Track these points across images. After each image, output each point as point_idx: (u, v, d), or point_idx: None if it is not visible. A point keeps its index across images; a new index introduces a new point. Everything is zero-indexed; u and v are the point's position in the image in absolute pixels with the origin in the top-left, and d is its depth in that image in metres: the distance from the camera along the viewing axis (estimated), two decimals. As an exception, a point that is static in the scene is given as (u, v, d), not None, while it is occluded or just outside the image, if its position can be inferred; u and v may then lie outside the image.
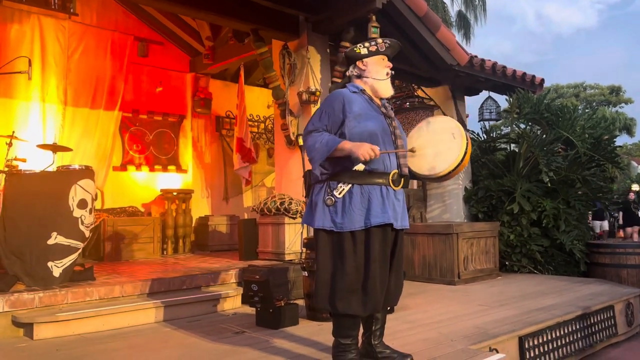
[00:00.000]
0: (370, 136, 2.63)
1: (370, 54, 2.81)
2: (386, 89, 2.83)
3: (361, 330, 2.85)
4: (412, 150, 2.79)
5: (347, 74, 2.92)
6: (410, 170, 2.80)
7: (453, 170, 2.70)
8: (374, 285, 2.59)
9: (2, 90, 6.36)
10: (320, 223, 2.66)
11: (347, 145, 2.59)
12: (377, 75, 2.80)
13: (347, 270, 2.59)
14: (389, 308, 3.18)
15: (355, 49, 2.83)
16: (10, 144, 5.05)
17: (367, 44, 2.81)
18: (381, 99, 2.86)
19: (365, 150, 2.55)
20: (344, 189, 2.63)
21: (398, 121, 2.90)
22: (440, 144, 2.75)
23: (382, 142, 2.66)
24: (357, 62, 2.83)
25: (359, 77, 2.84)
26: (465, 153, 2.69)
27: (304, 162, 5.08)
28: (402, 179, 2.74)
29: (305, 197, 3.15)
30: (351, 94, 2.74)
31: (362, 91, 2.79)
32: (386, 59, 2.85)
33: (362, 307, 2.61)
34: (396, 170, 2.71)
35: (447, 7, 17.86)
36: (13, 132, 5.21)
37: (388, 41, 2.83)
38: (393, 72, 2.87)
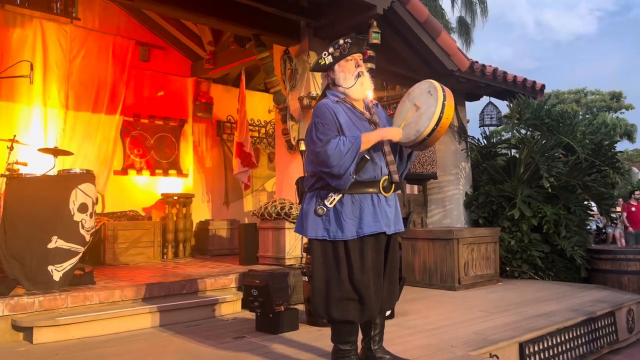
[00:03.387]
0: None
1: (336, 60, 2.71)
2: (359, 93, 2.73)
3: (360, 336, 2.85)
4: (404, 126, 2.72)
5: (326, 80, 2.86)
6: (402, 144, 2.73)
7: (436, 124, 2.55)
8: (369, 294, 2.59)
9: (3, 94, 6.37)
10: (313, 233, 2.65)
11: (372, 135, 2.60)
12: (345, 83, 2.71)
13: (342, 279, 2.59)
14: (388, 313, 3.17)
15: (320, 60, 2.75)
16: (11, 148, 5.05)
17: (330, 50, 2.72)
18: (366, 100, 2.79)
19: (395, 133, 2.65)
20: (334, 199, 2.61)
21: (385, 117, 2.85)
22: (421, 106, 2.66)
23: (370, 150, 2.63)
24: (328, 72, 2.77)
25: (334, 84, 2.76)
26: (444, 104, 2.55)
27: (304, 167, 5.08)
28: (393, 185, 2.72)
29: (298, 203, 3.13)
30: (334, 105, 2.68)
31: (344, 99, 2.72)
32: (355, 58, 2.72)
33: (358, 314, 2.61)
34: (386, 177, 2.69)
35: (447, 14, 17.92)
36: (14, 135, 5.21)
37: (349, 39, 2.70)
38: (362, 70, 2.72)
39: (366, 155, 2.60)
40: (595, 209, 7.79)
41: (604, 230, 11.17)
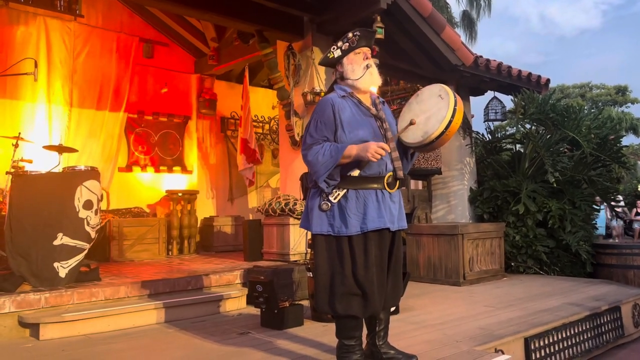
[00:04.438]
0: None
1: (344, 53, 2.73)
2: (367, 84, 2.73)
3: (365, 331, 2.85)
4: (412, 123, 2.68)
5: (333, 76, 2.87)
6: (408, 145, 2.72)
7: (446, 128, 2.56)
8: (372, 289, 2.59)
9: (8, 91, 6.40)
10: (318, 228, 2.65)
11: (353, 150, 2.54)
12: (353, 75, 2.71)
13: (346, 274, 2.59)
14: (392, 309, 3.17)
15: (328, 54, 2.77)
16: (16, 145, 5.08)
17: (339, 44, 2.74)
18: (373, 96, 2.79)
19: (373, 151, 2.50)
20: (339, 194, 2.61)
21: (391, 115, 2.84)
22: (430, 109, 2.66)
23: None
24: (337, 66, 2.78)
25: (342, 79, 2.77)
26: (455, 109, 2.57)
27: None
28: (397, 182, 2.72)
29: (303, 199, 3.13)
30: (340, 100, 2.68)
31: (351, 94, 2.72)
32: (363, 51, 2.74)
33: (361, 309, 2.61)
34: (391, 173, 2.69)
35: (451, 8, 17.84)
36: (19, 133, 5.24)
37: (358, 32, 2.72)
38: (370, 63, 2.74)
39: None
40: (621, 203, 7.66)
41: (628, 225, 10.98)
